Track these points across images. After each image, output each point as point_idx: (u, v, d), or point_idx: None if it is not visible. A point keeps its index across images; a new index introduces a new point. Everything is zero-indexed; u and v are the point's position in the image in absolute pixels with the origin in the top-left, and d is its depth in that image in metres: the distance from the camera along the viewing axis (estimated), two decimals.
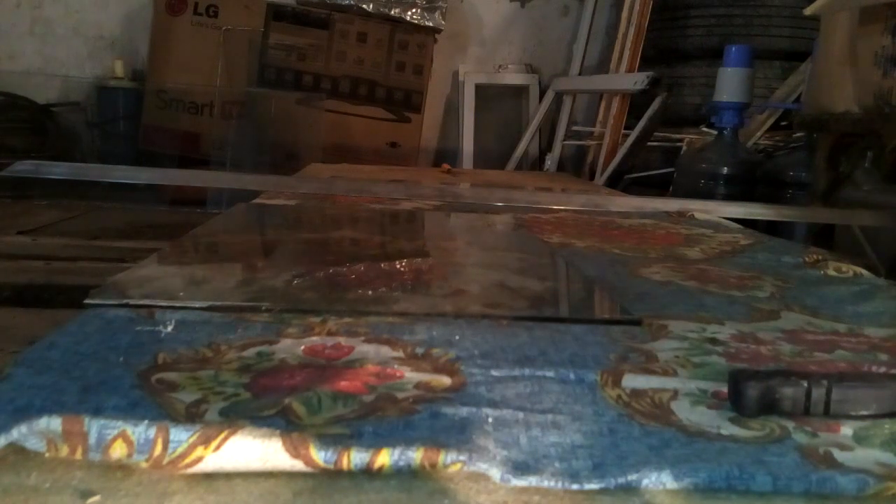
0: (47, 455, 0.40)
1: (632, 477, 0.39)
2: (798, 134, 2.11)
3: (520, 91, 3.26)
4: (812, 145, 1.83)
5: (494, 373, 0.54)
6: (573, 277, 0.96)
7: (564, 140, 2.99)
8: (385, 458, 0.40)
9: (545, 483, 0.39)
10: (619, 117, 2.59)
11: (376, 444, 0.40)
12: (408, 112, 2.90)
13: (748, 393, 0.47)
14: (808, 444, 0.44)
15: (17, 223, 1.89)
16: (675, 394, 0.51)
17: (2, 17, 2.98)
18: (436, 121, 3.25)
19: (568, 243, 1.12)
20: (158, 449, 0.39)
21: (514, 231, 1.29)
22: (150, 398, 0.46)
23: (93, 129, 3.01)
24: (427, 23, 2.86)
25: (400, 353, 0.57)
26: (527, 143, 3.09)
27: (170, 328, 0.61)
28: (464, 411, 0.46)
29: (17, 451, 0.40)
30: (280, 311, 0.67)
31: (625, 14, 2.71)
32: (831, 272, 0.96)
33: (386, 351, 0.58)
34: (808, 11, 1.70)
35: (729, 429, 0.46)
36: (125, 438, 0.40)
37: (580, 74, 3.01)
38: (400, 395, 0.49)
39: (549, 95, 3.05)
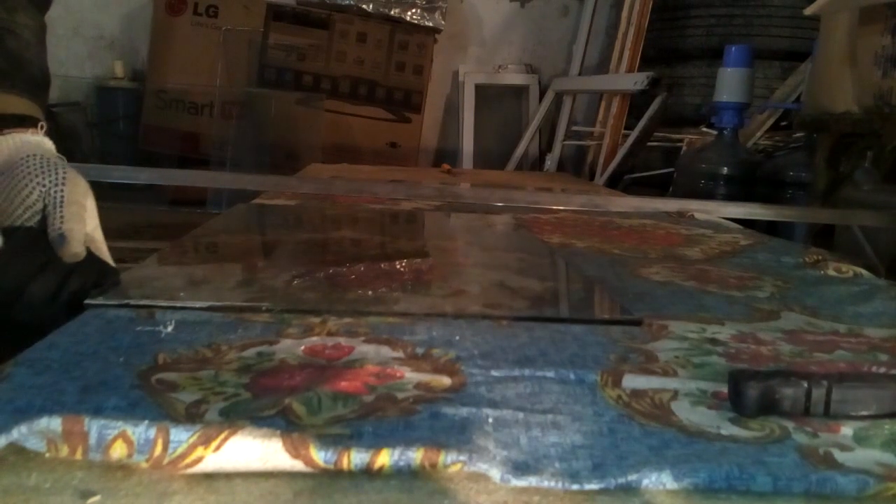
0: (47, 455, 0.40)
1: (632, 477, 0.39)
2: (798, 134, 2.11)
3: (520, 91, 3.26)
4: (812, 145, 1.83)
5: (494, 373, 0.54)
6: (573, 277, 0.96)
7: (564, 140, 2.99)
8: (385, 458, 0.40)
9: (545, 483, 0.39)
10: (619, 117, 2.60)
11: (376, 444, 0.40)
12: (408, 112, 2.91)
13: (748, 393, 0.47)
14: (808, 445, 0.44)
15: None
16: (675, 394, 0.51)
17: None
18: (436, 121, 3.25)
19: (568, 243, 1.13)
20: (158, 449, 0.39)
21: (514, 231, 1.29)
22: (150, 398, 0.46)
23: (93, 129, 3.02)
24: (427, 23, 2.86)
25: (400, 354, 0.57)
26: (527, 143, 3.09)
27: (170, 328, 0.61)
28: (464, 411, 0.46)
29: (17, 451, 0.40)
30: (280, 311, 0.67)
31: (625, 14, 2.71)
32: (831, 272, 0.96)
33: (386, 351, 0.58)
34: (808, 11, 1.70)
35: (729, 429, 0.46)
36: (125, 438, 0.40)
37: (580, 74, 3.01)
38: (400, 396, 0.49)
39: (549, 95, 3.06)
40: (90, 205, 0.69)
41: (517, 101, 3.28)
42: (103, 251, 0.70)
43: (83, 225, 0.66)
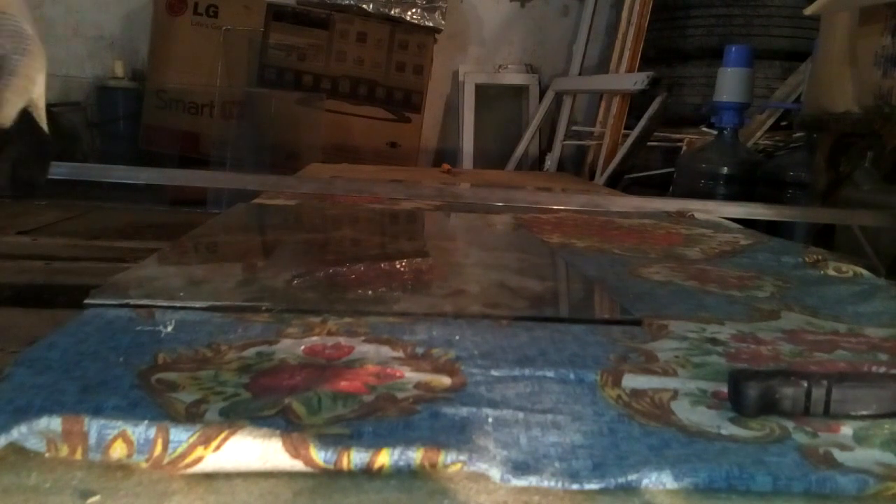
0: (47, 455, 0.40)
1: (632, 477, 0.39)
2: (798, 134, 2.11)
3: (520, 91, 3.26)
4: (812, 145, 1.83)
5: (494, 373, 0.54)
6: (573, 277, 0.96)
7: (564, 140, 2.99)
8: (385, 458, 0.40)
9: (545, 483, 0.39)
10: (619, 117, 2.59)
11: (376, 444, 0.40)
12: (408, 112, 2.90)
13: (748, 393, 0.47)
14: (808, 444, 0.44)
15: (17, 223, 1.89)
16: (675, 394, 0.51)
17: None
18: (436, 121, 3.24)
19: (568, 243, 1.12)
20: (158, 449, 0.39)
21: (514, 231, 1.29)
22: (150, 398, 0.46)
23: (93, 129, 3.01)
24: (427, 23, 2.85)
25: (400, 353, 0.57)
26: (527, 143, 3.09)
27: (170, 328, 0.61)
28: (464, 411, 0.46)
29: (17, 451, 0.40)
30: (280, 311, 0.67)
31: (625, 14, 2.71)
32: (831, 272, 0.96)
33: (386, 351, 0.58)
34: (808, 11, 1.70)
35: (729, 429, 0.46)
36: (125, 438, 0.40)
37: (580, 74, 3.01)
38: (400, 395, 0.49)
39: (549, 95, 3.05)
40: (41, 78, 0.70)
41: (517, 101, 3.27)
42: (42, 118, 0.71)
43: (23, 98, 0.67)
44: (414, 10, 2.85)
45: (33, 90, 0.68)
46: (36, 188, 0.66)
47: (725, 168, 1.99)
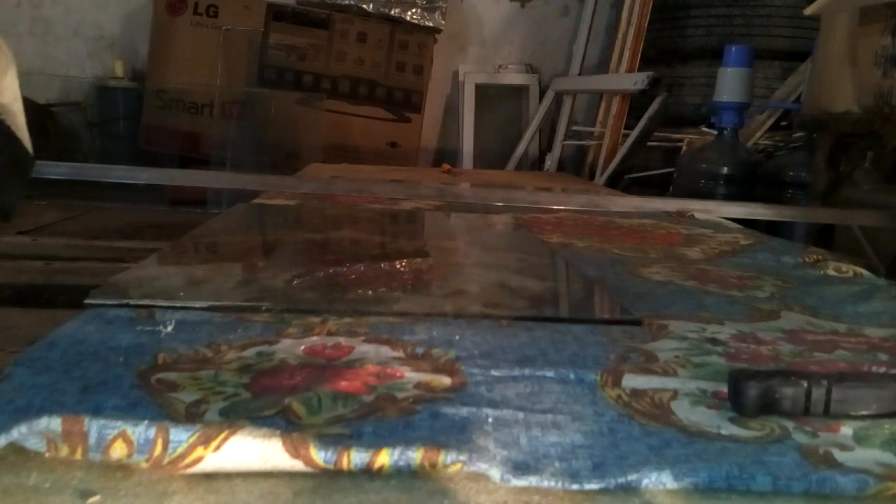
0: (47, 455, 0.40)
1: (632, 477, 0.39)
2: (798, 134, 2.11)
3: (520, 91, 3.26)
4: (812, 145, 1.83)
5: (494, 373, 0.54)
6: (573, 277, 0.96)
7: (564, 140, 2.99)
8: (385, 458, 0.40)
9: (545, 483, 0.39)
10: (619, 117, 2.59)
11: (376, 444, 0.40)
12: (408, 112, 2.90)
13: (748, 393, 0.47)
14: (808, 444, 0.44)
15: (17, 223, 1.89)
16: (675, 394, 0.51)
17: (2, 17, 2.98)
18: (436, 121, 3.24)
19: (568, 243, 1.12)
20: (158, 449, 0.39)
21: (514, 231, 1.29)
22: (150, 398, 0.46)
23: (93, 129, 3.01)
24: (427, 23, 2.86)
25: (400, 353, 0.57)
26: (527, 143, 3.09)
27: (170, 328, 0.61)
28: (464, 411, 0.46)
29: (17, 451, 0.40)
30: (280, 311, 0.67)
31: (625, 14, 2.71)
32: (831, 272, 0.96)
33: (386, 351, 0.58)
34: (808, 11, 1.70)
35: (729, 429, 0.46)
36: (125, 438, 0.40)
37: (580, 74, 3.01)
38: (400, 395, 0.49)
39: (549, 95, 3.05)
40: (8, 81, 0.65)
41: (517, 101, 3.27)
42: (18, 123, 0.66)
43: None
44: (414, 10, 2.85)
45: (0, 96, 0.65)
46: (10, 214, 0.62)
47: (725, 168, 1.99)
